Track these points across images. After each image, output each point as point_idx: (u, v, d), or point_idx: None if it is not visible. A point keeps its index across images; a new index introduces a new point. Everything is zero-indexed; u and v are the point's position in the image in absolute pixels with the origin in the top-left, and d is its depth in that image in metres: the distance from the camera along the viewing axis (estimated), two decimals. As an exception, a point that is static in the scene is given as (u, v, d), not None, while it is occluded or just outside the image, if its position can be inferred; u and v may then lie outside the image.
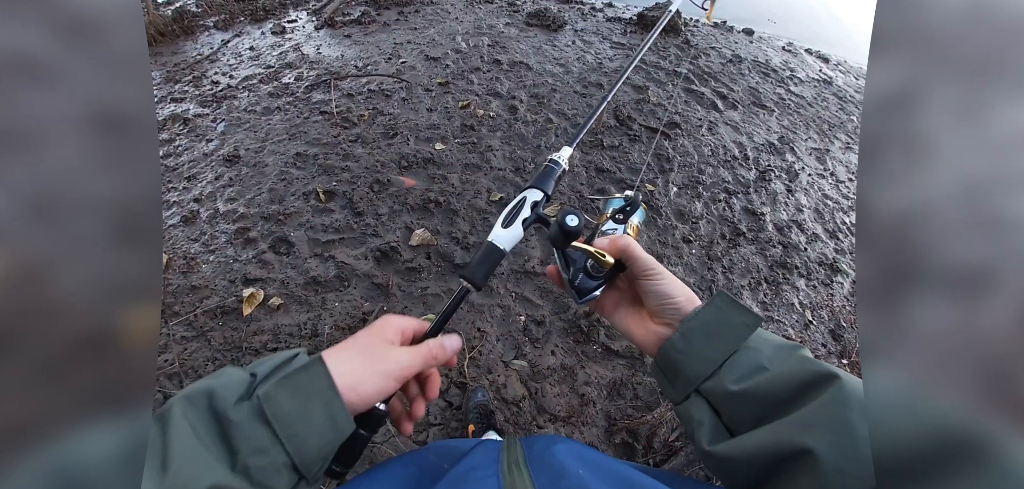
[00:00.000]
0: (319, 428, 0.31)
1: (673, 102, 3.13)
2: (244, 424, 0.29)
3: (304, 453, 0.30)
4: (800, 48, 4.41)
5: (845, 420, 0.28)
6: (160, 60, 3.17)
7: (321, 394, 0.32)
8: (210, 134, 2.51)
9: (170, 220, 2.00)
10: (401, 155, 2.37)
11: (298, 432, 0.30)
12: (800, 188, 2.71)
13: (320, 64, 3.15)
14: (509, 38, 3.70)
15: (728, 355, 0.36)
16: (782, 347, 0.36)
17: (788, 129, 3.19)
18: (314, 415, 0.31)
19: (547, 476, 0.31)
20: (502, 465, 0.34)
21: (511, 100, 2.91)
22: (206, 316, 1.62)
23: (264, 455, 0.29)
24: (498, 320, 1.72)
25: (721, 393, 0.35)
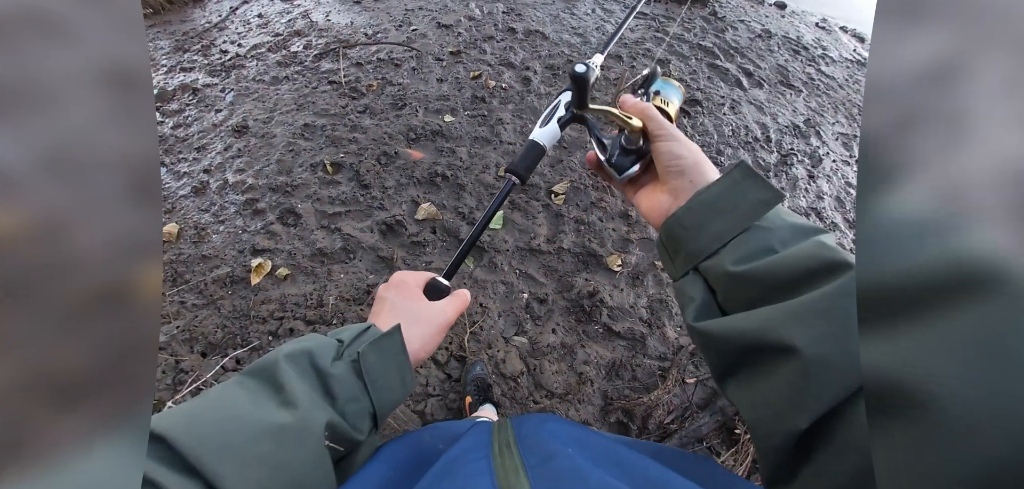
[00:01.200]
0: (394, 385, 0.38)
1: (696, 77, 3.00)
2: (343, 377, 0.35)
3: (382, 404, 0.37)
4: (835, 25, 4.14)
5: (844, 312, 0.25)
6: (168, 29, 3.16)
7: (396, 358, 0.38)
8: (219, 104, 2.51)
9: (181, 190, 2.03)
10: (409, 127, 2.33)
11: (380, 385, 0.36)
12: (822, 174, 2.59)
13: (329, 31, 3.10)
14: (525, 4, 3.57)
15: (737, 233, 0.33)
16: (800, 229, 0.32)
17: (815, 111, 3.03)
18: (391, 373, 0.38)
19: (537, 455, 0.31)
20: (493, 447, 0.34)
21: (524, 71, 2.82)
22: (216, 285, 1.65)
23: (356, 403, 0.35)
24: (501, 297, 1.71)
25: (719, 272, 0.33)
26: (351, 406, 0.34)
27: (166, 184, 2.06)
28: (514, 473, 0.30)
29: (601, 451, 0.33)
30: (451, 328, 1.59)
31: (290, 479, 0.29)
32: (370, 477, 0.35)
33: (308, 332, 1.54)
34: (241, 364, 1.44)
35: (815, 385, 0.25)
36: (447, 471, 0.32)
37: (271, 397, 0.31)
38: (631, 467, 0.30)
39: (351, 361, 0.36)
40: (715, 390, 1.61)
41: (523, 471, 0.30)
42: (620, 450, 0.32)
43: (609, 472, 0.28)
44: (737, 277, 0.31)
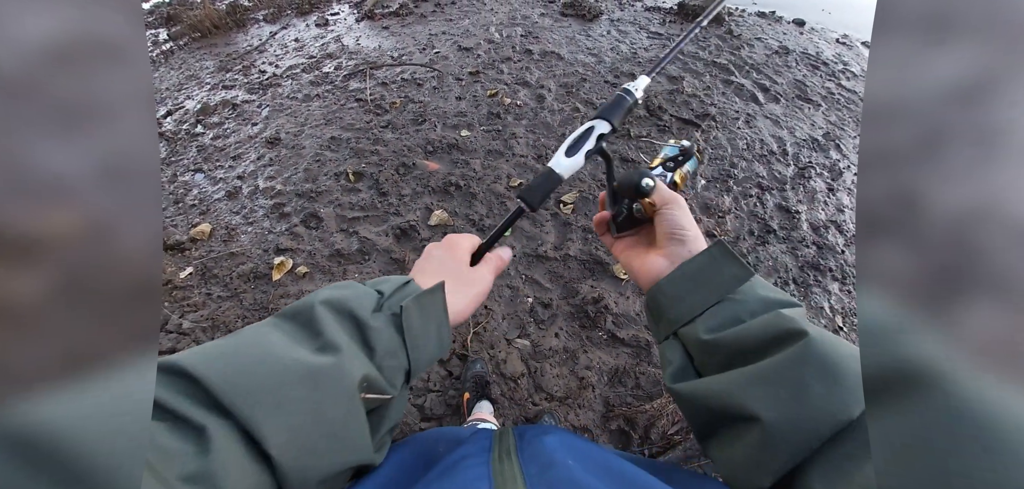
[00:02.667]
0: (431, 343, 0.37)
1: (709, 93, 3.01)
2: (382, 330, 0.34)
3: (418, 360, 0.36)
4: (856, 41, 4.07)
5: (799, 378, 0.28)
6: (214, 51, 3.47)
7: (437, 317, 0.38)
8: (255, 118, 2.72)
9: (216, 194, 2.20)
10: (428, 141, 2.45)
11: (419, 344, 0.36)
12: (843, 187, 2.52)
13: (358, 54, 3.32)
14: (543, 28, 3.71)
15: (711, 304, 0.36)
16: (769, 302, 0.35)
17: (835, 125, 2.96)
18: (430, 333, 0.37)
19: (537, 465, 0.32)
20: (493, 453, 0.34)
21: (539, 89, 2.92)
22: (240, 279, 1.77)
23: (394, 357, 0.34)
24: (506, 300, 1.75)
25: (694, 339, 0.36)
26: (389, 361, 0.34)
27: (203, 189, 2.24)
28: (512, 480, 0.30)
29: (602, 465, 0.33)
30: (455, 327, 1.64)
31: (328, 429, 0.28)
32: (374, 477, 0.35)
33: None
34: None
35: (773, 449, 0.28)
36: (446, 474, 0.32)
37: (309, 341, 0.30)
38: (632, 482, 0.30)
39: (392, 314, 0.35)
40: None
41: (522, 479, 0.30)
42: (623, 465, 0.33)
43: (609, 486, 0.29)
44: (708, 344, 0.34)
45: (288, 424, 0.26)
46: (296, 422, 0.27)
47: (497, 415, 1.42)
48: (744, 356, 0.32)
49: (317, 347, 0.30)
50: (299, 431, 0.27)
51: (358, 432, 0.30)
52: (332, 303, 0.33)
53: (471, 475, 0.31)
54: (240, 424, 0.25)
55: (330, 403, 0.28)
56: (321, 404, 0.28)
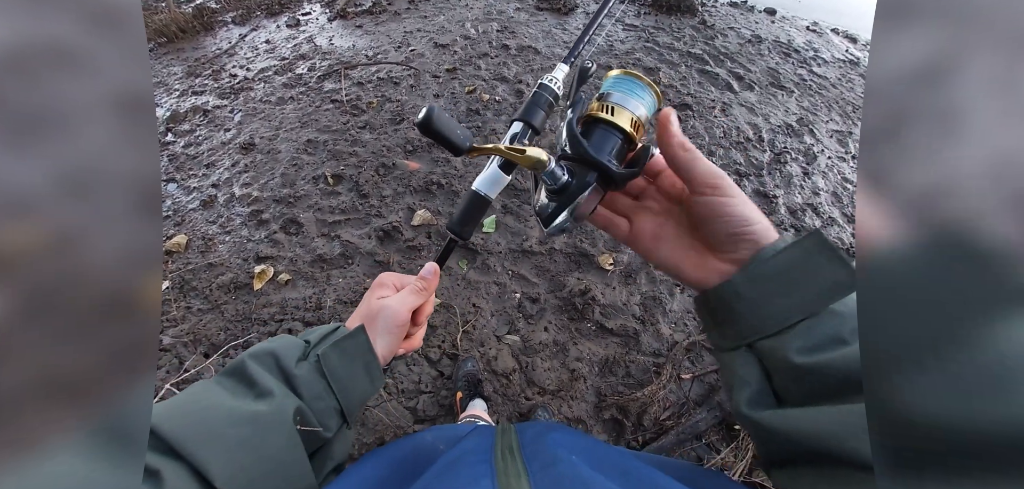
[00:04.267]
0: (360, 382, 0.39)
1: (685, 83, 3.06)
2: (307, 377, 0.36)
3: (349, 400, 0.38)
4: (826, 28, 4.20)
5: None
6: (181, 56, 3.34)
7: (362, 356, 0.40)
8: (228, 124, 2.63)
9: (190, 204, 2.13)
10: (407, 140, 2.42)
11: (346, 385, 0.38)
12: (818, 171, 2.60)
13: (332, 54, 3.24)
14: (519, 23, 3.69)
15: (805, 316, 0.28)
16: None
17: (808, 110, 3.05)
18: (357, 373, 0.39)
19: (540, 461, 0.31)
20: (495, 451, 0.34)
21: (517, 84, 2.92)
22: (220, 290, 1.72)
23: (321, 400, 0.36)
24: (494, 297, 1.75)
25: (781, 359, 0.29)
26: (317, 404, 0.36)
27: (177, 199, 2.16)
28: (516, 477, 0.30)
29: (606, 460, 0.32)
30: (444, 327, 1.63)
31: (270, 465, 0.30)
32: (365, 477, 0.35)
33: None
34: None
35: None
36: (447, 471, 0.32)
37: (246, 392, 0.33)
38: (636, 476, 0.30)
39: (315, 361, 0.37)
40: (713, 386, 1.61)
41: (525, 476, 0.30)
42: (626, 460, 0.32)
43: (613, 481, 0.28)
44: (802, 369, 0.28)
45: (233, 460, 0.29)
46: (240, 458, 0.29)
47: (491, 412, 1.42)
48: (852, 390, 0.26)
49: (254, 395, 0.33)
50: (243, 466, 0.29)
51: (298, 465, 0.33)
52: (259, 356, 0.36)
53: (473, 472, 0.31)
54: (191, 465, 0.27)
55: (270, 439, 0.31)
56: (262, 441, 0.31)
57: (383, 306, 0.43)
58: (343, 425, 0.38)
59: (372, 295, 0.45)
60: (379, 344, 0.42)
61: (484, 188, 0.42)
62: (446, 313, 1.68)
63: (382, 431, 1.37)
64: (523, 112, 0.44)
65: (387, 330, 0.42)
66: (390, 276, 0.47)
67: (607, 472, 0.29)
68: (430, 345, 1.58)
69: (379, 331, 0.42)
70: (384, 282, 0.46)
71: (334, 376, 0.37)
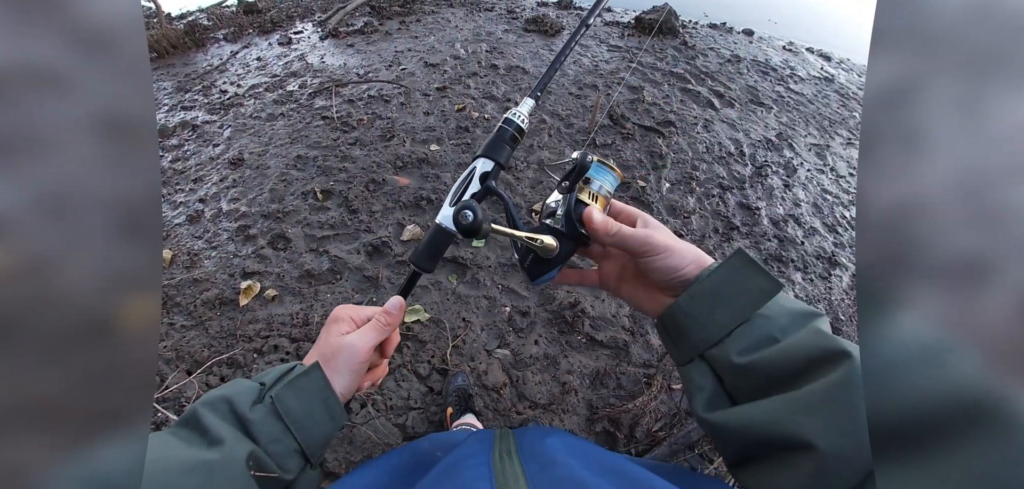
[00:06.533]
0: (320, 420, 0.38)
1: (669, 101, 3.15)
2: (261, 421, 0.35)
3: (309, 440, 0.37)
4: (801, 47, 4.39)
5: (851, 402, 0.27)
6: (171, 71, 3.33)
7: (320, 394, 0.39)
8: (217, 139, 2.62)
9: (176, 219, 2.10)
10: (397, 156, 2.44)
11: (304, 424, 0.37)
12: (798, 183, 2.69)
13: (323, 72, 3.27)
14: (507, 44, 3.78)
15: (739, 323, 0.34)
16: (797, 314, 0.34)
17: (787, 126, 3.17)
18: (315, 411, 0.38)
19: (538, 464, 0.32)
20: (494, 454, 0.34)
21: (506, 102, 2.97)
22: (205, 306, 1.69)
23: (279, 443, 0.36)
24: (483, 311, 1.75)
25: (725, 362, 0.34)
26: (274, 447, 0.35)
27: (162, 214, 2.13)
28: (514, 480, 0.30)
29: (604, 464, 0.32)
30: (434, 342, 1.62)
31: None
32: (363, 484, 0.35)
33: (292, 349, 1.57)
34: (223, 378, 1.46)
35: (831, 478, 0.26)
36: (446, 474, 0.32)
37: (198, 441, 0.33)
38: (633, 479, 0.30)
39: (269, 403, 0.36)
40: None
41: (523, 478, 0.30)
42: (624, 464, 0.33)
43: (610, 484, 0.28)
44: (743, 368, 0.32)
45: None
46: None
47: (483, 427, 1.40)
48: (786, 380, 0.31)
49: (206, 443, 0.32)
50: None
51: None
52: (213, 403, 0.35)
53: (472, 474, 0.31)
54: None
55: (221, 486, 0.31)
56: (215, 487, 0.30)
57: (343, 344, 0.41)
58: (306, 466, 0.37)
59: (329, 331, 0.43)
60: (338, 382, 0.40)
61: (447, 222, 0.44)
62: (436, 328, 1.67)
63: (370, 449, 1.35)
64: (491, 149, 0.45)
65: (348, 369, 0.41)
66: (347, 309, 0.45)
67: (604, 475, 0.30)
68: (420, 360, 1.57)
69: (338, 369, 0.40)
70: (340, 317, 0.44)
71: (290, 417, 0.36)
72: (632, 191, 2.37)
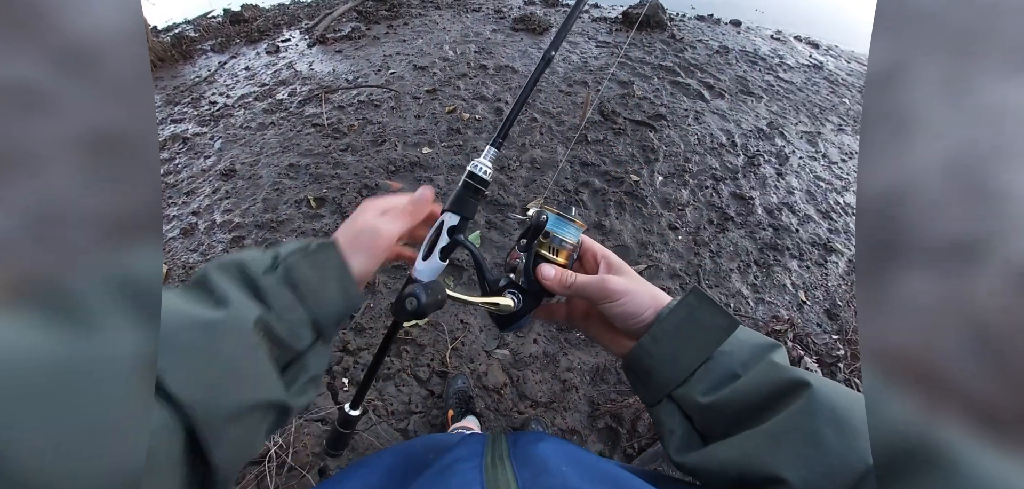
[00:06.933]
0: (334, 296, 0.37)
1: (659, 95, 3.16)
2: (274, 287, 0.34)
3: (322, 313, 0.36)
4: (789, 35, 4.42)
5: (813, 430, 0.28)
6: (160, 84, 3.30)
7: (335, 270, 0.37)
8: (208, 151, 2.60)
9: (170, 233, 2.08)
10: (389, 161, 2.43)
11: (318, 295, 0.36)
12: (791, 171, 2.71)
13: (312, 79, 3.25)
14: (496, 44, 3.78)
15: (701, 361, 0.35)
16: (756, 349, 0.35)
17: (777, 114, 3.19)
18: (329, 285, 0.37)
19: (530, 470, 0.32)
20: (486, 459, 0.34)
21: (496, 102, 2.97)
22: (200, 321, 1.68)
23: (291, 311, 0.34)
24: (482, 313, 1.75)
25: (692, 403, 0.35)
26: (287, 315, 0.34)
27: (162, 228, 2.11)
28: (506, 485, 0.30)
29: (596, 471, 0.33)
30: (433, 345, 1.62)
31: (224, 371, 0.30)
32: (357, 485, 0.35)
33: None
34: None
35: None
36: (438, 477, 0.32)
37: (204, 300, 0.32)
38: (627, 486, 0.31)
39: (283, 272, 0.35)
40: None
41: (515, 484, 0.30)
42: (619, 472, 0.33)
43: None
44: (711, 408, 0.33)
45: (185, 364, 0.28)
46: (193, 362, 0.28)
47: (483, 428, 1.40)
48: (750, 414, 0.32)
49: (212, 304, 0.31)
50: (197, 370, 0.28)
51: (260, 369, 0.31)
52: (225, 267, 0.34)
53: (463, 479, 0.31)
54: None
55: (225, 344, 0.30)
56: (215, 346, 0.29)
57: (367, 225, 0.41)
58: (317, 339, 0.36)
59: (356, 216, 0.43)
60: (355, 261, 0.39)
61: (423, 277, 0.45)
62: (434, 331, 1.67)
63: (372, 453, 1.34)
64: (457, 204, 0.45)
65: (367, 249, 0.40)
66: (375, 200, 0.44)
67: (597, 483, 0.30)
68: (419, 364, 1.56)
69: (358, 249, 0.40)
70: (367, 207, 0.43)
71: (306, 286, 0.35)
72: (626, 186, 2.38)
